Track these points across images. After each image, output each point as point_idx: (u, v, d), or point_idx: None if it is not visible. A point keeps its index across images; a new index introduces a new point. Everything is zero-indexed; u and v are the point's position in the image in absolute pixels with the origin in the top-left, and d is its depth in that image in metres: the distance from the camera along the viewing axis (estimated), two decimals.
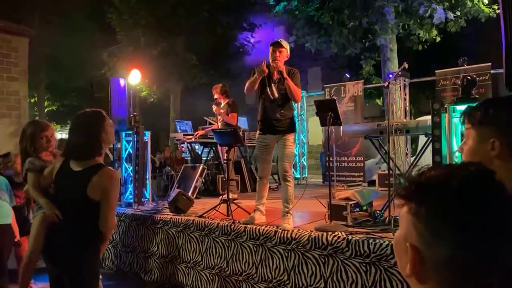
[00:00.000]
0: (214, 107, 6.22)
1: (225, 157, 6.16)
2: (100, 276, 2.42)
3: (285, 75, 3.96)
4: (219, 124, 6.32)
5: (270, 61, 4.04)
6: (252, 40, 16.39)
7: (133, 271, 4.91)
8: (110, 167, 2.29)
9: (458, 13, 8.61)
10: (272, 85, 4.07)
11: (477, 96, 3.66)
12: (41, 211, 3.04)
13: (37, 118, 20.27)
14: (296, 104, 6.40)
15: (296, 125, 4.51)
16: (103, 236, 2.27)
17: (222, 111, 6.15)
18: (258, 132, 4.21)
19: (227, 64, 15.33)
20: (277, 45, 4.04)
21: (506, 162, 1.07)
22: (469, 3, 8.40)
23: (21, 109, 10.78)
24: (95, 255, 2.30)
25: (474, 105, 1.21)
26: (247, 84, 4.15)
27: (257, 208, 4.15)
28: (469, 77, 3.62)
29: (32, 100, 19.63)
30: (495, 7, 8.35)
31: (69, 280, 2.19)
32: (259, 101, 4.17)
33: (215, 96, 6.35)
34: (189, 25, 14.09)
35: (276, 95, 4.04)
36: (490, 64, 6.95)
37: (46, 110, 20.73)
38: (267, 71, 4.01)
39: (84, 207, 2.19)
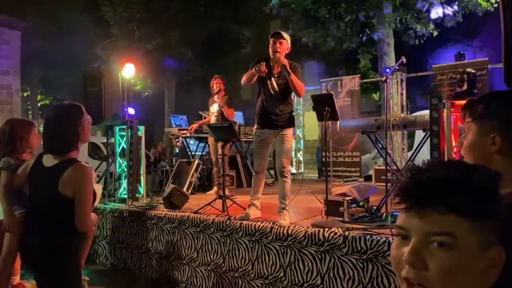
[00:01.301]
0: (218, 98, 6.04)
1: (210, 152, 6.12)
2: (87, 278, 2.34)
3: (288, 69, 3.83)
4: (213, 118, 6.20)
5: (270, 53, 3.94)
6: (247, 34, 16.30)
7: (128, 268, 4.85)
8: (83, 162, 2.16)
9: (456, 7, 8.56)
10: (272, 79, 3.98)
11: (476, 91, 3.62)
12: (20, 211, 2.93)
13: (29, 112, 20.13)
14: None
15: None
16: (83, 235, 2.16)
17: (224, 103, 6.00)
18: (255, 126, 4.13)
19: (222, 58, 15.24)
20: (277, 36, 3.92)
21: (506, 157, 1.05)
22: None
23: (13, 103, 10.65)
24: (74, 256, 2.17)
25: (475, 98, 1.18)
26: (244, 76, 4.07)
27: (252, 203, 4.10)
28: (468, 72, 3.58)
29: (25, 94, 19.46)
30: (493, 0, 8.31)
31: (47, 283, 2.11)
32: (258, 94, 4.09)
33: (218, 87, 6.13)
34: (184, 19, 13.97)
35: (276, 89, 3.96)
36: (487, 59, 6.92)
37: (39, 104, 20.56)
38: (265, 71, 3.89)
39: (57, 205, 2.07)
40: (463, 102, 3.42)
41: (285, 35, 3.97)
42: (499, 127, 1.06)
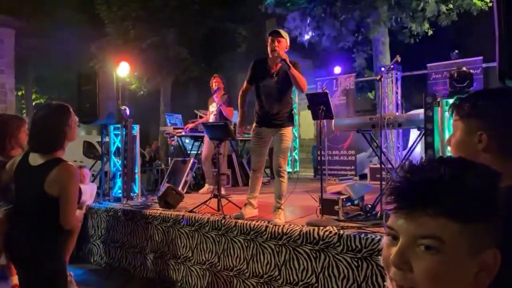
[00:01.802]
0: (217, 96, 5.97)
1: (205, 151, 6.10)
2: (72, 273, 2.34)
3: (288, 63, 3.77)
4: (212, 117, 6.17)
5: (269, 51, 3.92)
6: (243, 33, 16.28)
7: (123, 267, 4.83)
8: (69, 162, 2.19)
9: (451, 6, 8.59)
10: (270, 78, 3.97)
11: (470, 90, 3.63)
12: (5, 207, 2.92)
13: (24, 111, 20.01)
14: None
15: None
16: (68, 232, 2.19)
17: (223, 102, 5.96)
18: (254, 124, 4.12)
19: (218, 57, 15.22)
20: (276, 34, 3.90)
21: (492, 155, 1.05)
22: None
23: (7, 102, 10.58)
24: (59, 252, 2.20)
25: (463, 96, 1.19)
26: (239, 99, 4.21)
27: (249, 202, 4.09)
28: (462, 70, 3.59)
29: (20, 93, 19.35)
30: (487, 0, 8.35)
31: (32, 279, 2.12)
32: (257, 93, 4.08)
33: (218, 86, 6.08)
34: (180, 18, 13.92)
35: (274, 88, 3.94)
36: (481, 58, 6.95)
37: (34, 103, 20.46)
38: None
39: (42, 203, 2.10)
40: None
41: (283, 33, 3.95)
42: (485, 125, 1.07)
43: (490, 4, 8.07)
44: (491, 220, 0.62)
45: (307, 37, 9.72)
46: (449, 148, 1.20)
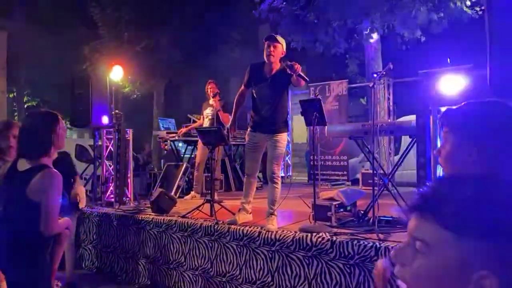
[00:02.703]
0: (215, 101, 5.93)
1: (199, 157, 6.08)
2: (59, 284, 2.33)
3: (303, 75, 3.76)
4: (207, 122, 6.15)
5: (265, 56, 3.93)
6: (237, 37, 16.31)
7: (114, 272, 4.80)
8: (53, 169, 2.20)
9: (442, 14, 8.70)
10: (266, 82, 3.96)
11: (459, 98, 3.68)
12: None
13: (16, 113, 19.82)
14: None
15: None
16: (56, 240, 2.20)
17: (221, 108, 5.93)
18: (249, 129, 4.13)
19: (212, 61, 15.23)
20: (272, 39, 3.89)
21: (482, 169, 1.04)
22: (451, 5, 8.51)
23: None
24: (42, 261, 2.19)
25: (453, 108, 1.18)
26: (235, 102, 4.23)
27: (243, 207, 4.08)
28: (453, 78, 3.64)
29: (11, 95, 19.17)
30: (477, 8, 8.47)
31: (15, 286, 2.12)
32: (252, 98, 4.09)
33: (215, 91, 6.04)
34: (174, 22, 13.93)
35: (269, 93, 3.94)
36: (472, 65, 7.03)
37: (26, 106, 20.27)
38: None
39: (24, 209, 2.10)
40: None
41: (280, 39, 3.94)
42: (476, 138, 1.06)
43: (480, 13, 8.20)
44: (488, 239, 0.61)
45: (300, 42, 9.77)
46: (439, 159, 1.20)
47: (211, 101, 6.06)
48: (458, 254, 0.61)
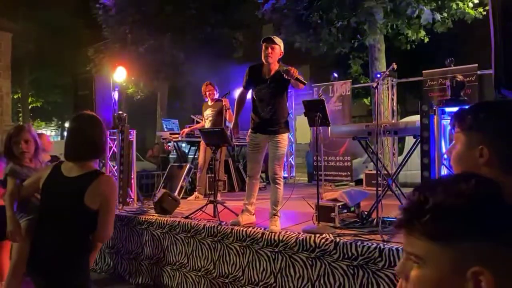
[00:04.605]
0: (225, 100, 5.79)
1: (202, 159, 6.07)
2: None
3: (298, 75, 3.74)
4: (208, 123, 6.16)
5: (263, 57, 3.94)
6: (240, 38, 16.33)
7: (117, 273, 4.81)
8: (107, 174, 2.24)
9: (445, 14, 8.67)
10: (265, 84, 3.97)
11: (465, 98, 3.65)
12: (25, 218, 2.93)
13: (20, 114, 19.92)
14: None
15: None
16: (94, 246, 2.18)
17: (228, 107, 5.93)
18: (250, 130, 4.13)
19: (215, 62, 15.24)
20: (269, 41, 3.90)
21: (493, 170, 1.02)
22: (454, 6, 8.47)
23: (3, 106, 10.55)
24: (85, 266, 2.18)
25: (466, 108, 1.16)
26: (236, 103, 4.24)
27: (246, 208, 4.08)
28: (458, 79, 3.61)
29: (16, 97, 19.27)
30: (480, 9, 8.43)
31: None
32: (252, 100, 4.09)
33: (212, 94, 6.10)
34: (177, 23, 13.95)
35: (268, 94, 3.94)
36: (476, 65, 7.00)
37: (30, 107, 20.38)
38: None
39: (79, 215, 2.08)
40: (453, 108, 3.46)
41: (277, 40, 3.95)
42: (487, 139, 1.04)
43: (484, 13, 8.15)
44: (478, 238, 0.63)
45: (303, 43, 9.76)
46: (445, 156, 1.19)
47: (209, 102, 6.11)
48: (451, 260, 0.64)
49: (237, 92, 4.41)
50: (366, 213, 4.00)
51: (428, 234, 0.65)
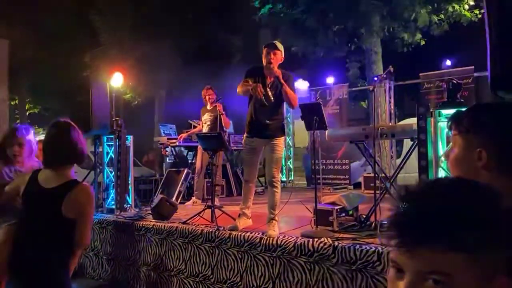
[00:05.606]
0: (219, 106, 5.88)
1: (199, 164, 6.05)
2: None
3: (282, 80, 3.82)
4: (206, 127, 6.15)
5: (264, 63, 3.94)
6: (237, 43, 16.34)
7: (115, 280, 4.77)
8: (84, 183, 2.25)
9: (442, 17, 8.71)
10: (266, 89, 3.94)
11: (462, 100, 3.65)
12: (5, 224, 2.89)
13: (18, 121, 19.86)
14: None
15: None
16: (73, 252, 2.21)
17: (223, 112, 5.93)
18: (245, 134, 4.12)
19: (212, 66, 15.24)
20: (271, 47, 3.92)
21: (492, 173, 1.00)
22: (450, 8, 8.51)
23: (0, 112, 10.49)
24: (66, 272, 2.21)
25: (462, 110, 1.14)
26: (240, 88, 4.01)
27: (243, 213, 4.06)
28: (454, 81, 3.61)
29: (13, 103, 19.22)
30: (477, 11, 8.47)
31: None
32: (249, 103, 4.08)
33: (211, 98, 6.10)
34: (174, 28, 13.96)
35: (269, 99, 3.92)
36: (473, 67, 7.02)
37: (27, 113, 20.33)
38: (261, 95, 3.80)
39: (57, 224, 2.13)
40: (450, 111, 3.46)
41: (279, 45, 3.96)
42: (485, 142, 1.02)
43: (480, 16, 8.19)
44: (499, 246, 0.59)
45: (300, 47, 9.78)
46: (442, 159, 1.17)
47: (208, 107, 6.10)
48: (476, 272, 0.58)
49: (231, 95, 4.36)
50: (364, 216, 3.98)
51: (455, 247, 0.58)
